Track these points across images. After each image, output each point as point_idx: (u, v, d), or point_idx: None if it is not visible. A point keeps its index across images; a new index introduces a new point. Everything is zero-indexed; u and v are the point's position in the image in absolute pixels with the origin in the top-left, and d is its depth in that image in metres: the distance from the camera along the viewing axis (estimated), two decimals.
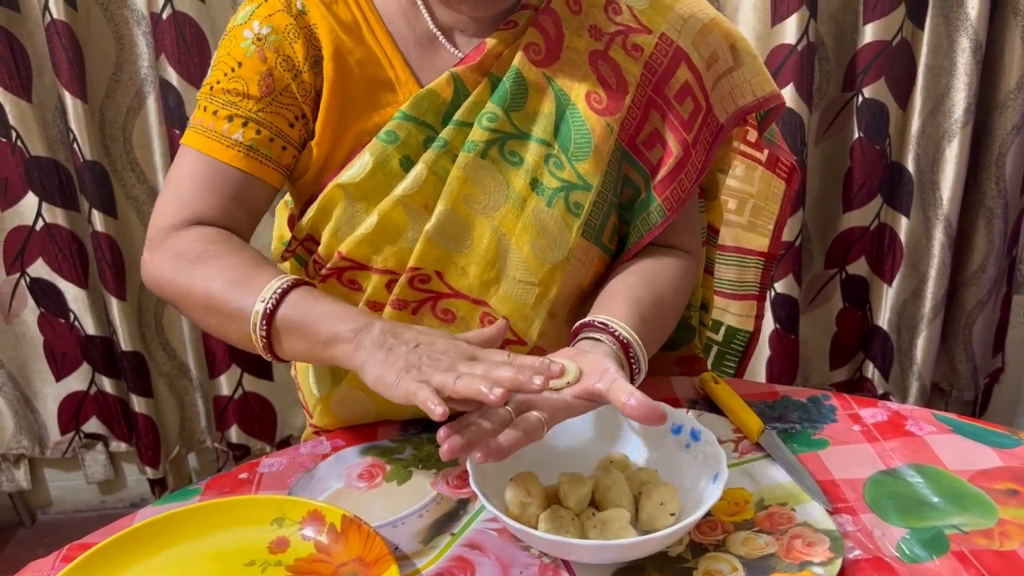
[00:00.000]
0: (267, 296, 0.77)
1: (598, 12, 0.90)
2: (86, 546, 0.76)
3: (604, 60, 0.89)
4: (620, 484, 0.76)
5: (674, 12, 0.91)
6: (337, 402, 0.97)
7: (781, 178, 1.07)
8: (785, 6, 1.65)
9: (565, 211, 0.88)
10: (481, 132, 0.86)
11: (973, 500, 0.79)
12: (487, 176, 0.86)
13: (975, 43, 1.67)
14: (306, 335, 0.77)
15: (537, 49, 0.87)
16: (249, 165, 0.86)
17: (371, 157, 0.85)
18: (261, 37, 0.85)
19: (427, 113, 0.86)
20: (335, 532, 0.76)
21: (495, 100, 0.86)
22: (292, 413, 2.01)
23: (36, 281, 1.83)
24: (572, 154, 0.87)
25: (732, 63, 0.94)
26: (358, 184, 0.85)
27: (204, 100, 0.87)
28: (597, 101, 0.88)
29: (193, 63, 1.66)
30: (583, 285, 0.93)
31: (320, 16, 0.85)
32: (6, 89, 1.67)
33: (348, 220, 0.87)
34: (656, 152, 0.92)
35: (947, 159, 1.77)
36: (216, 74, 0.86)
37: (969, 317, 1.94)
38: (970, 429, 0.89)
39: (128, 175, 1.78)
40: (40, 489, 2.07)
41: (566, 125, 0.88)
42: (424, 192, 0.85)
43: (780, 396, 0.97)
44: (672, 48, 0.90)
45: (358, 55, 0.86)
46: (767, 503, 0.79)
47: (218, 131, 0.85)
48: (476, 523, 0.79)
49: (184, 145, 0.87)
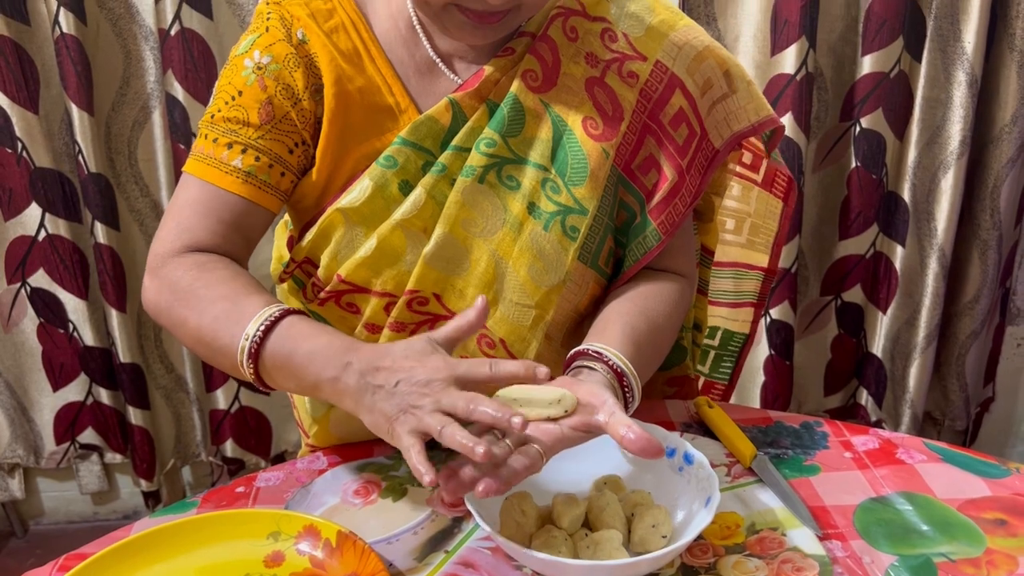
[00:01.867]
0: (251, 332, 0.77)
1: (594, 39, 0.91)
2: (82, 556, 0.77)
3: (600, 87, 0.90)
4: (613, 506, 0.77)
5: (669, 40, 0.92)
6: (334, 422, 0.98)
7: (778, 197, 1.09)
8: (785, 37, 1.68)
9: (562, 235, 0.89)
10: (479, 157, 0.87)
11: (961, 529, 0.80)
12: (485, 200, 0.88)
13: (971, 77, 1.70)
14: (293, 376, 0.77)
15: (534, 76, 0.89)
16: (248, 191, 0.86)
17: (370, 181, 0.86)
18: (262, 66, 0.86)
19: (425, 138, 0.87)
20: (330, 547, 0.76)
21: (493, 126, 0.87)
22: (288, 428, 2.01)
23: (36, 291, 1.84)
24: (569, 179, 0.89)
25: (727, 89, 0.95)
26: (357, 208, 0.86)
27: (205, 128, 0.87)
28: (593, 127, 0.89)
29: (200, 79, 1.68)
30: (580, 308, 0.95)
31: (320, 45, 0.86)
32: (13, 101, 1.69)
33: (347, 244, 0.88)
34: (651, 177, 0.93)
35: (942, 190, 1.79)
36: (217, 103, 0.87)
37: (962, 347, 1.96)
38: (960, 458, 0.90)
39: (132, 188, 1.79)
40: (33, 499, 2.07)
41: (563, 150, 0.89)
42: (423, 216, 0.87)
43: (773, 422, 0.98)
44: (667, 75, 0.92)
45: (359, 83, 0.87)
46: (758, 527, 0.80)
47: (218, 158, 0.86)
48: (470, 541, 0.79)
49: (186, 173, 0.88)
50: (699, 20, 1.72)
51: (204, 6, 1.64)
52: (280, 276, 0.96)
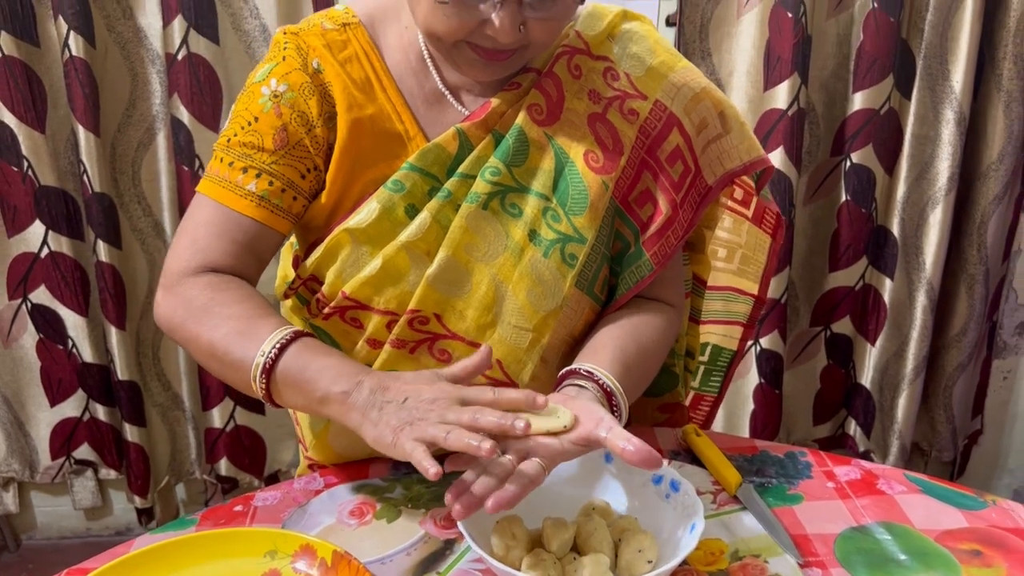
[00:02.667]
0: (266, 350, 0.81)
1: (597, 77, 0.95)
2: (83, 571, 0.79)
3: (602, 122, 0.94)
4: (601, 530, 0.79)
5: (668, 80, 0.97)
6: (332, 436, 1.00)
7: (767, 233, 1.13)
8: (777, 73, 1.72)
9: (560, 262, 0.92)
10: (484, 184, 0.90)
11: (938, 559, 0.82)
12: (488, 226, 0.91)
13: (959, 115, 1.74)
14: (302, 391, 0.81)
15: (539, 109, 0.93)
16: (261, 214, 0.90)
17: (378, 204, 0.89)
18: (278, 94, 0.89)
19: (432, 165, 0.91)
20: (326, 566, 0.79)
21: (498, 155, 0.91)
22: (282, 448, 2.03)
23: (37, 307, 1.86)
24: (569, 208, 0.92)
25: (721, 129, 1.00)
26: (364, 229, 0.89)
27: (221, 152, 0.91)
28: (594, 160, 0.93)
29: (205, 103, 1.71)
30: (574, 333, 0.98)
31: (335, 74, 0.90)
32: (21, 120, 1.72)
33: (353, 263, 0.91)
34: (647, 210, 0.97)
35: (931, 225, 1.82)
36: (233, 127, 0.90)
37: (950, 379, 1.99)
38: (939, 490, 0.93)
39: (135, 208, 1.82)
40: (26, 514, 2.09)
41: (564, 181, 0.93)
42: (427, 239, 0.90)
43: (759, 451, 1.00)
44: (665, 114, 0.96)
45: (370, 111, 0.91)
46: (741, 554, 0.83)
47: (233, 181, 0.89)
48: (461, 563, 0.82)
49: (200, 193, 0.91)
50: (694, 55, 1.77)
51: (211, 32, 1.68)
52: (284, 293, 0.99)
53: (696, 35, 1.76)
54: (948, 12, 1.70)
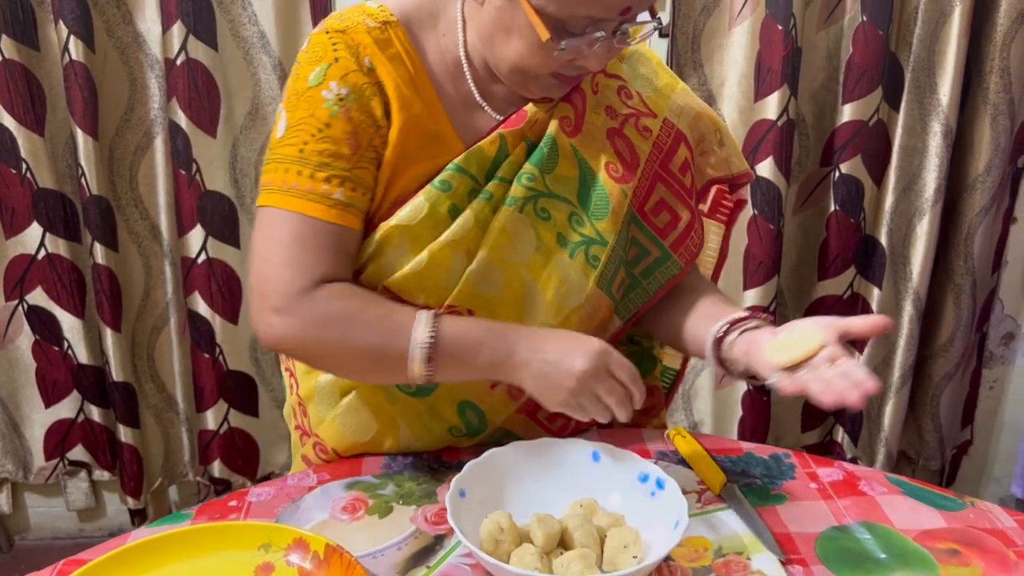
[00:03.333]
0: (423, 338, 0.87)
1: (612, 95, 1.02)
2: (80, 562, 0.80)
3: (620, 136, 1.01)
4: (587, 526, 0.81)
5: (672, 101, 1.07)
6: (343, 415, 1.02)
7: (721, 221, 1.19)
8: (768, 84, 1.75)
9: (584, 262, 0.98)
10: (521, 189, 0.95)
11: (917, 558, 0.84)
12: (522, 228, 0.95)
13: (946, 127, 1.77)
14: (465, 365, 0.90)
15: (568, 121, 0.98)
16: (348, 220, 0.90)
17: (426, 202, 0.92)
18: (342, 98, 0.88)
19: (473, 166, 0.94)
20: (318, 559, 0.80)
21: (533, 162, 0.95)
22: (275, 450, 2.04)
23: (34, 309, 1.88)
24: (592, 214, 0.98)
25: (715, 144, 1.11)
26: (412, 226, 0.92)
27: (294, 164, 0.89)
28: (614, 171, 0.99)
29: (203, 108, 1.73)
30: (590, 328, 1.02)
31: (386, 73, 0.90)
32: (20, 123, 1.74)
33: (396, 257, 0.93)
34: (663, 218, 1.05)
35: (918, 235, 1.85)
36: (301, 135, 0.89)
37: (937, 388, 2.01)
38: (919, 492, 0.95)
39: (132, 211, 1.84)
40: (20, 514, 2.10)
41: (588, 189, 0.98)
42: (467, 238, 0.93)
43: (744, 452, 1.02)
44: (674, 131, 1.06)
45: (415, 109, 0.92)
46: (725, 551, 0.85)
47: (318, 192, 0.88)
48: (451, 558, 0.83)
49: (272, 207, 0.90)
50: (686, 66, 1.80)
51: (210, 38, 1.70)
52: None
53: (688, 46, 1.79)
54: (936, 26, 1.73)
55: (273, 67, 1.76)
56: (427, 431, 1.01)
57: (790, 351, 0.86)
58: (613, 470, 0.89)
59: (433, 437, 1.02)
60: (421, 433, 1.01)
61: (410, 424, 1.00)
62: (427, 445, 1.02)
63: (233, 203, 1.82)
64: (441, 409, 1.00)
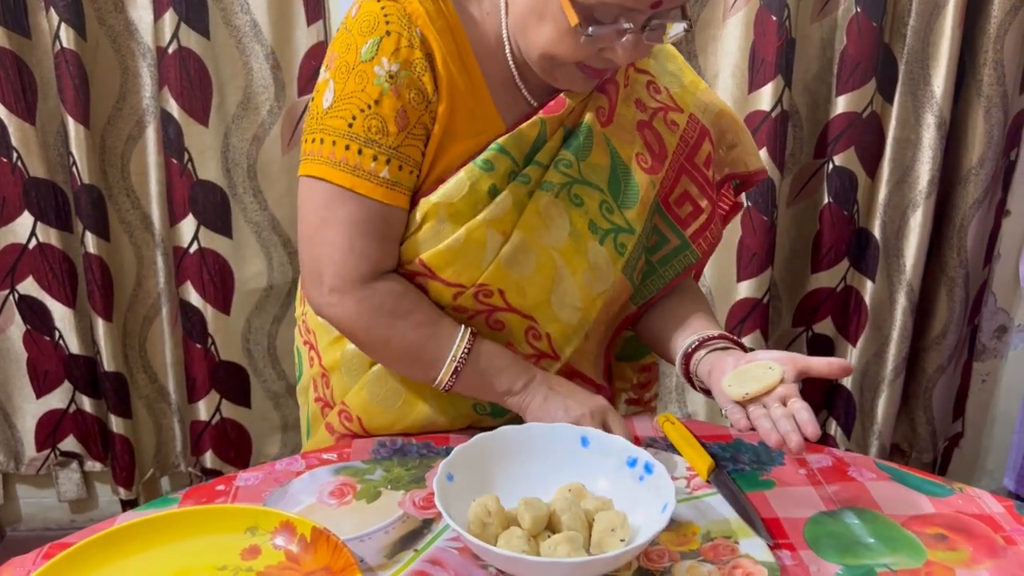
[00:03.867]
0: (457, 354, 0.96)
1: (641, 88, 1.04)
2: (66, 545, 0.80)
3: (649, 129, 1.04)
4: (575, 510, 0.81)
5: (697, 98, 1.09)
6: (370, 382, 1.04)
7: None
8: (762, 75, 1.75)
9: (613, 249, 1.01)
10: (558, 175, 0.96)
11: (904, 542, 0.84)
12: (557, 213, 0.97)
13: (939, 119, 1.77)
14: (484, 387, 0.98)
15: (603, 111, 1.00)
16: (394, 199, 0.92)
17: (468, 180, 0.93)
18: (393, 75, 0.89)
19: (514, 148, 0.95)
20: (305, 542, 0.80)
21: (570, 149, 0.97)
22: (267, 442, 2.04)
23: (24, 298, 1.87)
24: (622, 203, 1.01)
25: (736, 141, 1.14)
26: (452, 203, 0.93)
27: (342, 138, 0.90)
28: (644, 162, 1.02)
29: (195, 97, 1.73)
30: (611, 312, 1.07)
31: (436, 45, 0.90)
32: (11, 111, 1.73)
33: (434, 233, 0.94)
34: (685, 208, 1.08)
35: (911, 228, 1.85)
36: (350, 109, 0.89)
37: (930, 381, 2.01)
38: (908, 478, 0.95)
39: (123, 200, 1.83)
40: (11, 505, 2.09)
41: (618, 178, 1.01)
42: (504, 219, 0.94)
43: (733, 439, 1.02)
44: (699, 126, 1.08)
45: (461, 85, 0.92)
46: (713, 536, 0.85)
47: (366, 169, 0.90)
48: (438, 541, 0.83)
49: (322, 180, 0.91)
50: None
51: (202, 26, 1.69)
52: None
53: (682, 37, 1.78)
54: (930, 18, 1.73)
55: (265, 56, 1.75)
56: (452, 404, 1.03)
57: (746, 385, 0.90)
58: (601, 455, 0.89)
59: (457, 411, 1.03)
60: (446, 406, 1.03)
61: (436, 395, 1.02)
62: (451, 419, 1.03)
63: (225, 193, 1.82)
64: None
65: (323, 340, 1.08)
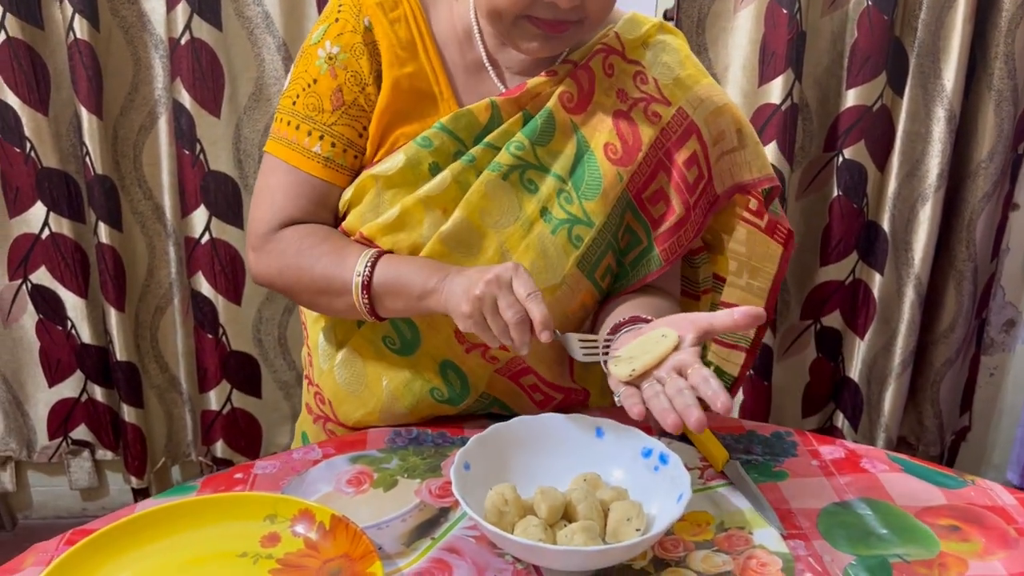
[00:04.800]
0: (360, 270, 0.92)
1: (627, 79, 1.01)
2: (88, 531, 0.81)
3: (625, 119, 1.00)
4: (591, 499, 0.82)
5: (692, 92, 1.03)
6: (339, 365, 1.05)
7: (779, 243, 1.12)
8: (772, 68, 1.75)
9: (567, 241, 0.97)
10: (508, 156, 0.96)
11: (918, 533, 0.85)
12: (504, 195, 0.96)
13: (949, 113, 1.77)
14: (400, 295, 0.92)
15: (570, 97, 0.98)
16: (328, 174, 0.98)
17: (404, 156, 0.95)
18: (332, 56, 0.95)
19: (462, 130, 0.96)
20: (324, 530, 0.81)
21: (525, 132, 0.97)
22: (278, 431, 2.05)
23: (37, 288, 1.88)
24: (582, 193, 0.98)
25: (736, 144, 1.06)
26: (389, 177, 0.95)
27: (287, 115, 0.97)
28: (613, 152, 0.99)
29: (207, 88, 1.73)
30: (568, 312, 1.01)
31: (383, 33, 0.95)
32: (24, 102, 1.74)
33: (373, 207, 0.96)
34: (659, 208, 1.03)
35: (920, 221, 1.85)
36: (295, 89, 0.97)
37: (937, 374, 2.02)
38: (920, 470, 0.95)
39: (135, 191, 1.84)
40: (23, 493, 2.11)
41: (582, 167, 0.98)
42: (445, 197, 0.95)
43: (746, 431, 1.03)
44: (686, 121, 1.02)
45: (409, 69, 0.96)
46: (727, 526, 0.85)
47: (300, 144, 0.97)
48: (455, 530, 0.84)
49: (269, 154, 0.99)
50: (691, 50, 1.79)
51: (214, 18, 1.70)
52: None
53: (693, 30, 1.79)
54: (941, 11, 1.73)
55: (277, 47, 1.75)
56: (409, 391, 1.02)
57: (634, 360, 0.82)
58: (616, 445, 0.90)
59: (414, 397, 1.02)
60: (403, 392, 1.02)
61: (393, 381, 1.02)
62: (409, 407, 1.03)
63: (237, 183, 1.83)
64: (424, 367, 1.01)
65: (309, 317, 1.11)
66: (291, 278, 0.98)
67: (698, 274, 1.18)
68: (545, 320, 0.83)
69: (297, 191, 0.98)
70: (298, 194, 0.98)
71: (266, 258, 0.99)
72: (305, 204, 0.98)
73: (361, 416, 1.05)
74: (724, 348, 1.21)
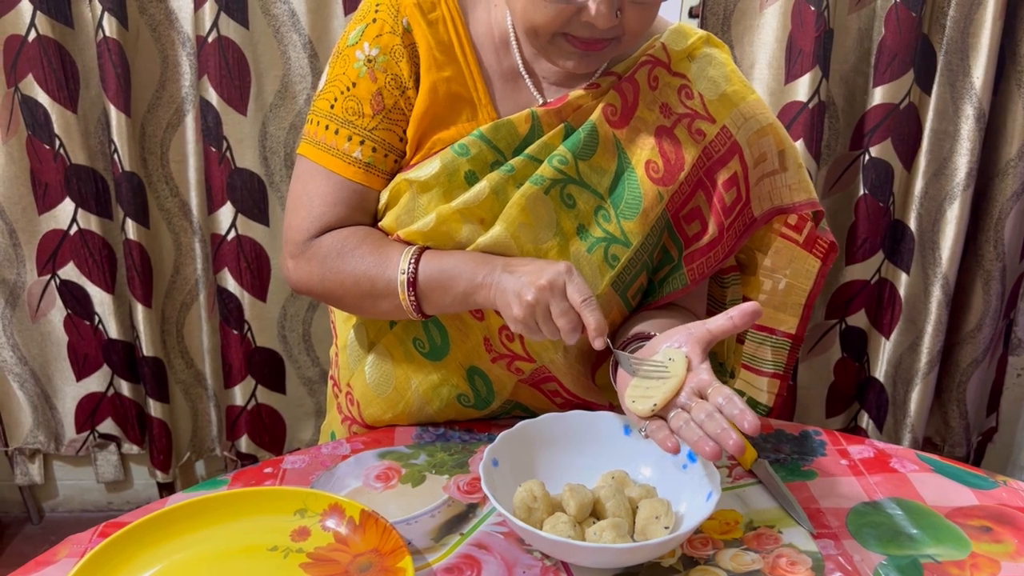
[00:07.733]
0: (405, 267, 0.91)
1: (672, 93, 0.98)
2: (121, 524, 0.82)
3: (668, 136, 0.97)
4: (619, 497, 0.82)
5: (738, 109, 1.00)
6: (369, 366, 1.04)
7: (817, 256, 1.10)
8: (799, 66, 1.74)
9: (602, 260, 0.95)
10: (550, 170, 0.93)
11: (949, 533, 0.85)
12: (544, 210, 0.93)
13: (978, 111, 1.75)
14: (447, 290, 0.91)
15: (614, 110, 0.96)
16: (367, 179, 0.96)
17: (440, 163, 0.93)
18: (371, 59, 0.93)
19: (501, 140, 0.94)
20: (354, 524, 0.82)
21: (568, 145, 0.94)
22: (302, 427, 2.06)
23: (65, 283, 1.90)
24: (621, 211, 0.95)
25: (777, 166, 1.03)
26: (423, 182, 0.93)
27: (324, 119, 0.95)
28: (655, 171, 0.96)
29: (233, 85, 1.74)
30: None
31: (422, 34, 0.93)
32: (54, 99, 1.76)
33: (408, 211, 0.95)
34: (694, 227, 1.00)
35: (948, 220, 1.84)
36: (333, 91, 0.95)
37: (964, 375, 2.00)
38: (950, 470, 0.95)
39: (162, 187, 1.86)
40: (50, 486, 2.13)
41: (622, 185, 0.96)
42: (482, 208, 0.93)
43: (774, 430, 1.03)
44: (730, 140, 0.99)
45: (447, 73, 0.94)
46: (756, 524, 0.85)
47: (340, 149, 0.95)
48: (484, 525, 0.84)
49: (305, 158, 0.97)
50: None
51: (241, 16, 1.71)
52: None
53: (719, 27, 1.78)
54: (970, 8, 1.71)
55: (303, 46, 1.76)
56: (437, 395, 1.01)
57: (650, 393, 0.80)
58: (644, 443, 0.89)
59: (442, 402, 1.02)
60: (432, 396, 1.01)
61: (421, 384, 1.01)
62: (436, 411, 1.03)
63: (262, 180, 1.84)
64: (451, 372, 1.01)
65: (339, 317, 1.10)
66: (333, 283, 0.95)
67: (726, 295, 1.16)
68: (600, 327, 0.83)
69: (336, 197, 0.96)
70: (337, 200, 0.96)
71: (306, 265, 0.97)
72: (344, 210, 0.96)
73: (389, 419, 1.05)
74: (755, 375, 1.19)
